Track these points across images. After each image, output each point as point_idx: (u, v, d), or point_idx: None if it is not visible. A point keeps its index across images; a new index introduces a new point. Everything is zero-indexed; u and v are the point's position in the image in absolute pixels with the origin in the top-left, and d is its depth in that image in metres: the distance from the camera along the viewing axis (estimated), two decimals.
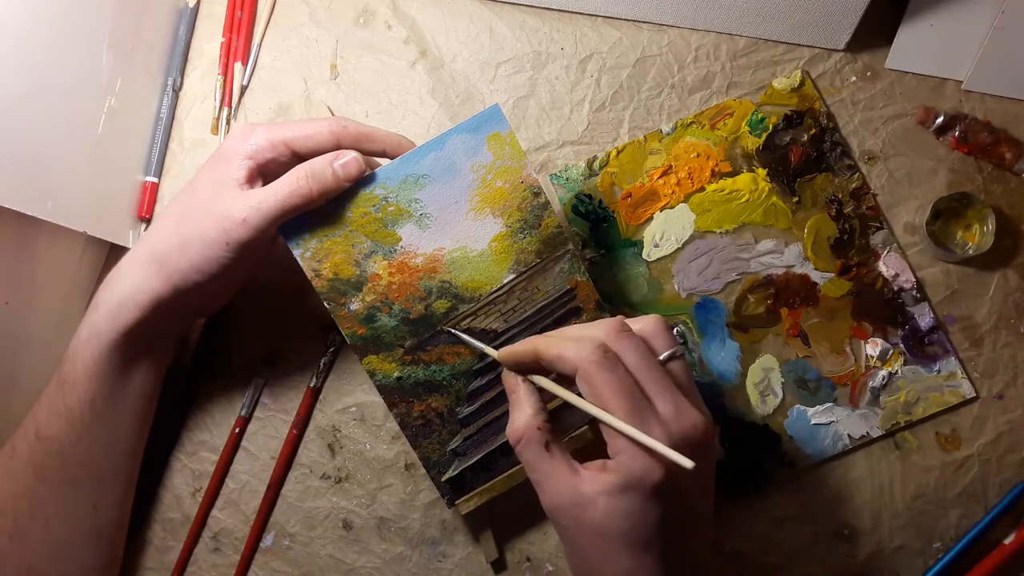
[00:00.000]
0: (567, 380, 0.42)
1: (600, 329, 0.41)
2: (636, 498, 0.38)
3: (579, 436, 0.52)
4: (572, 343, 0.40)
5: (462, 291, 0.51)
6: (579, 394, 0.41)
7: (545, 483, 0.41)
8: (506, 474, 0.53)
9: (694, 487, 0.41)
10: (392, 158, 0.51)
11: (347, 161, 0.48)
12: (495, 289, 0.51)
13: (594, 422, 0.42)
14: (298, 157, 0.49)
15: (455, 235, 0.51)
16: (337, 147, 0.49)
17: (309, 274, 0.50)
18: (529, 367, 0.44)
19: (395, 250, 0.50)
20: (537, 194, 0.50)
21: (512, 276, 0.51)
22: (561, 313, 0.52)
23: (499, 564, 0.57)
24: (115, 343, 0.50)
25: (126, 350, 0.51)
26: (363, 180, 0.50)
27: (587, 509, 0.39)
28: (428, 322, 0.51)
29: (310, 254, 0.49)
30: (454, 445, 0.52)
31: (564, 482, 0.40)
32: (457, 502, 0.53)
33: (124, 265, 0.50)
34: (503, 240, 0.51)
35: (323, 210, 0.49)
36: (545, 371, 0.43)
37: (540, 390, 0.44)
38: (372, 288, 0.50)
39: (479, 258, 0.51)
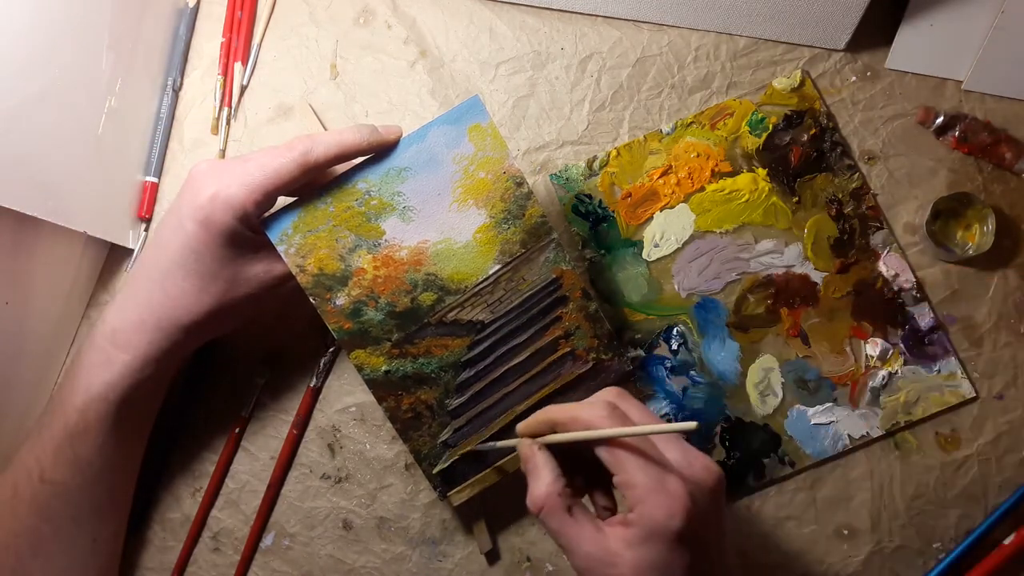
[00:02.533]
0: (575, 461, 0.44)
1: (606, 394, 0.44)
2: (661, 547, 0.39)
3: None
4: (583, 406, 0.43)
5: (448, 283, 0.51)
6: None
7: (573, 546, 0.41)
8: (497, 465, 0.53)
9: (713, 532, 0.42)
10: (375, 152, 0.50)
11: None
12: (481, 280, 0.51)
13: (593, 485, 0.45)
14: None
15: (439, 227, 0.51)
16: (306, 177, 0.48)
17: (293, 270, 0.49)
18: (544, 433, 0.44)
19: (379, 244, 0.50)
20: (520, 184, 0.50)
21: (497, 267, 0.51)
22: (548, 303, 0.52)
23: (493, 555, 0.57)
24: (128, 399, 0.50)
25: (137, 401, 0.51)
26: (344, 175, 0.50)
27: (616, 566, 0.40)
28: (415, 315, 0.51)
29: (294, 250, 0.49)
30: (444, 437, 0.52)
31: (590, 543, 0.41)
32: (449, 494, 0.53)
33: (130, 330, 0.49)
34: (487, 231, 0.51)
35: (305, 203, 0.49)
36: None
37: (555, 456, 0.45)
38: (357, 282, 0.50)
39: (464, 250, 0.51)
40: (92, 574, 0.53)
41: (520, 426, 0.46)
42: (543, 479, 0.43)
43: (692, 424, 0.37)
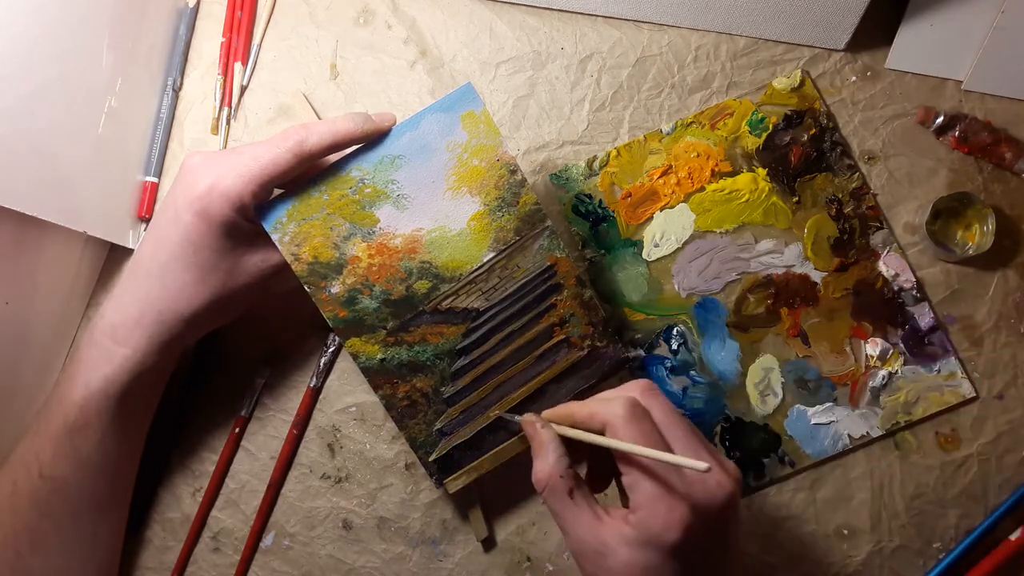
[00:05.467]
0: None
1: (631, 389, 0.43)
2: (653, 555, 0.39)
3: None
4: (603, 402, 0.42)
5: (442, 271, 0.51)
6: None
7: (570, 529, 0.42)
8: (493, 452, 0.53)
9: (716, 548, 0.41)
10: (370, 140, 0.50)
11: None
12: (475, 268, 0.51)
13: (613, 476, 0.44)
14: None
15: (433, 215, 0.51)
16: (301, 167, 0.48)
17: (288, 258, 0.49)
18: (563, 424, 0.45)
19: (374, 232, 0.50)
20: (513, 172, 0.51)
21: (492, 254, 0.51)
22: (542, 290, 0.52)
23: (489, 542, 0.57)
24: (128, 393, 0.50)
25: (137, 395, 0.51)
26: (339, 163, 0.50)
27: (608, 557, 0.40)
28: (409, 303, 0.51)
29: (288, 238, 0.49)
30: (440, 425, 0.52)
31: (587, 529, 0.41)
32: (445, 481, 0.53)
33: (130, 325, 0.49)
34: (481, 219, 0.51)
35: (300, 192, 0.49)
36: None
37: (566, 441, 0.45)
38: (352, 270, 0.50)
39: (458, 237, 0.51)
40: (92, 569, 0.53)
41: (545, 413, 0.46)
42: (547, 459, 0.43)
43: (703, 465, 0.36)
